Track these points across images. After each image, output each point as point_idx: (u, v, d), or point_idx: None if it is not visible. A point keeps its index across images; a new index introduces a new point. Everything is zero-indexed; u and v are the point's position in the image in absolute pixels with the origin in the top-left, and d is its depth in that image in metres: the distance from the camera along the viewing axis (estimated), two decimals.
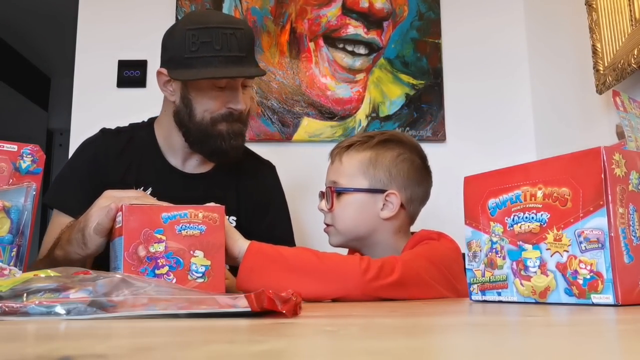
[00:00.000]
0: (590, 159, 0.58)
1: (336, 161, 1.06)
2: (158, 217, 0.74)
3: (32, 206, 0.72)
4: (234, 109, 1.08)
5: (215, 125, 1.09)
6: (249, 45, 1.08)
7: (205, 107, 1.08)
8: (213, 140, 1.10)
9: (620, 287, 0.55)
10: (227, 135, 1.10)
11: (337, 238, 1.05)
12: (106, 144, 1.16)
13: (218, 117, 1.09)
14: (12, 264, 0.68)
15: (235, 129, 1.10)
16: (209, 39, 1.04)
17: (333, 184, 1.04)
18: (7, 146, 0.74)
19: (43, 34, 3.29)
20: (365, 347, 0.32)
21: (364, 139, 1.06)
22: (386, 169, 1.03)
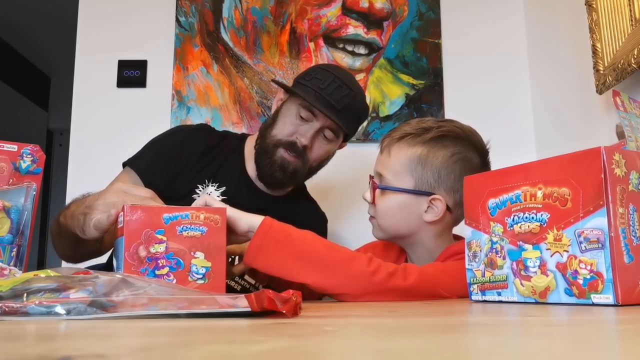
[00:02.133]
0: (590, 159, 0.58)
1: (384, 152, 0.99)
2: (159, 217, 0.74)
3: (32, 206, 0.72)
4: (298, 141, 1.13)
5: (276, 147, 1.15)
6: (350, 108, 1.14)
7: (282, 128, 1.15)
8: (265, 159, 1.15)
9: (620, 287, 0.55)
10: (278, 162, 1.14)
11: (379, 232, 1.01)
12: (199, 137, 1.21)
13: (283, 142, 1.14)
14: (12, 264, 0.69)
15: (288, 161, 1.14)
16: (322, 78, 1.14)
17: (378, 176, 0.99)
18: (7, 146, 0.74)
19: (43, 34, 3.29)
20: (365, 347, 0.32)
21: (419, 131, 0.97)
22: (435, 170, 0.95)
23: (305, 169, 1.17)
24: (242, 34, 1.76)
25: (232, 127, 1.71)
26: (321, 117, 1.13)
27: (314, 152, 1.16)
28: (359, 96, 1.19)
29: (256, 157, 1.18)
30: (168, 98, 1.72)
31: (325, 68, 1.19)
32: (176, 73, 1.72)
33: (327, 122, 1.13)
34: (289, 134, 1.14)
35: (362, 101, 1.20)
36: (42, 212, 3.58)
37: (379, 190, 0.98)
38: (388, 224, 0.99)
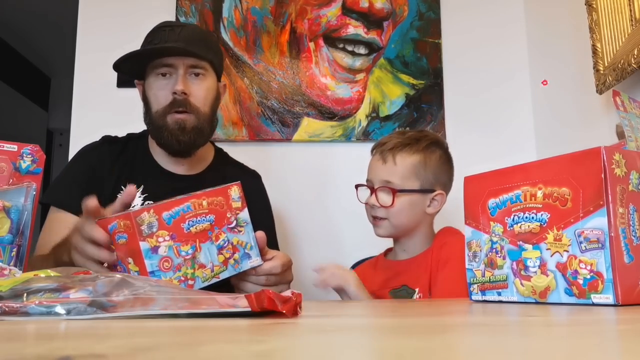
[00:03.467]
0: (590, 159, 0.58)
1: (389, 162, 1.15)
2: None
3: (32, 206, 0.72)
4: (175, 91, 1.10)
5: (164, 116, 1.11)
6: (190, 38, 1.11)
7: (155, 98, 1.13)
8: (161, 132, 1.12)
9: (620, 287, 0.55)
10: (173, 126, 1.11)
11: (388, 230, 1.16)
12: (103, 152, 1.20)
13: (166, 108, 1.11)
14: (12, 264, 0.69)
15: (181, 119, 1.11)
16: (148, 38, 1.14)
17: (387, 183, 1.14)
18: (7, 146, 0.74)
19: (43, 34, 3.29)
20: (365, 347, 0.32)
21: (412, 141, 1.17)
22: (433, 171, 1.16)
23: (202, 117, 1.13)
24: (242, 34, 1.76)
25: (232, 127, 1.71)
26: (175, 60, 1.11)
27: (196, 93, 1.13)
28: (191, 26, 1.20)
29: (156, 141, 1.16)
30: None
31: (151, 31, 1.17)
32: None
33: (184, 61, 1.11)
34: (165, 97, 1.12)
35: (199, 29, 1.20)
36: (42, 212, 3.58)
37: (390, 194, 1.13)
38: (401, 221, 1.15)
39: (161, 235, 0.74)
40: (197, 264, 0.76)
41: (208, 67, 1.16)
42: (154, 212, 0.74)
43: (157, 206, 0.75)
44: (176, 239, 0.74)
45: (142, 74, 1.17)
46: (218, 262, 0.77)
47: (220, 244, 0.78)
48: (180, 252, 0.75)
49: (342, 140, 1.72)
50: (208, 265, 0.76)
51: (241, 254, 0.80)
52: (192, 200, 0.76)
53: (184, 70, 1.12)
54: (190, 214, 0.75)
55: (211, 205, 0.77)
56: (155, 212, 0.74)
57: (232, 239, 0.79)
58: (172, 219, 0.74)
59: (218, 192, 0.78)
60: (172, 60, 1.11)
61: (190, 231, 0.75)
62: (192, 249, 0.75)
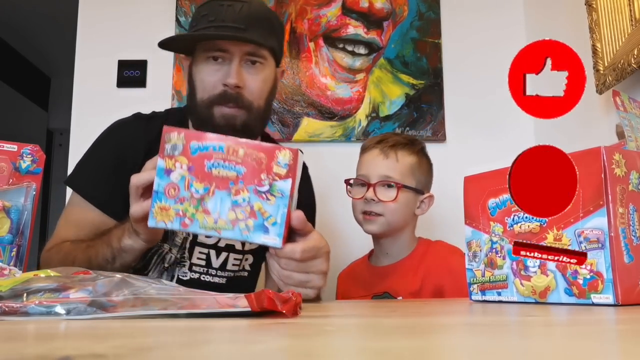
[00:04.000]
0: (590, 159, 0.58)
1: (391, 157, 1.15)
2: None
3: (32, 206, 0.72)
4: (227, 84, 0.96)
5: (211, 108, 0.98)
6: (251, 19, 0.96)
7: (202, 85, 0.99)
8: (205, 125, 0.98)
9: (620, 287, 0.55)
10: (223, 123, 0.97)
11: (382, 227, 1.15)
12: (136, 131, 1.04)
13: (214, 99, 0.98)
14: (12, 264, 0.69)
15: (230, 114, 0.97)
16: (206, 11, 0.97)
17: (387, 178, 1.14)
18: (7, 146, 0.74)
19: (43, 34, 3.29)
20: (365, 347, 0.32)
21: (408, 142, 1.19)
22: (424, 173, 1.19)
23: (255, 112, 0.99)
24: None
25: None
26: (232, 46, 0.96)
27: (251, 86, 0.98)
28: (255, 2, 1.00)
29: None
30: (168, 98, 1.71)
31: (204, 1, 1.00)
32: (176, 73, 1.72)
33: (242, 47, 0.96)
34: (213, 86, 0.97)
35: (263, 6, 1.02)
36: (42, 212, 3.58)
37: (394, 189, 1.13)
38: (396, 219, 1.14)
39: (180, 161, 0.69)
40: (202, 206, 0.69)
41: (268, 55, 1.01)
42: (183, 136, 0.69)
43: (190, 132, 0.70)
44: (193, 172, 0.69)
45: (189, 49, 1.04)
46: (226, 217, 0.69)
47: (237, 200, 0.69)
48: (190, 186, 0.69)
49: (342, 140, 1.72)
50: (213, 215, 0.69)
51: (257, 223, 0.69)
52: (229, 143, 0.69)
53: (239, 57, 0.97)
54: (219, 155, 0.69)
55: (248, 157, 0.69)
56: (185, 137, 0.69)
57: (253, 203, 0.69)
58: (198, 151, 0.69)
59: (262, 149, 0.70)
60: (227, 45, 0.97)
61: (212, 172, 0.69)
62: (204, 190, 0.69)
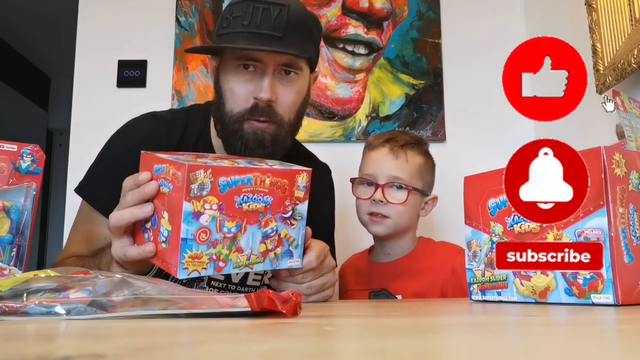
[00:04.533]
0: (590, 159, 0.58)
1: (401, 158, 1.12)
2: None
3: (32, 206, 0.72)
4: (259, 100, 0.89)
5: (241, 122, 0.91)
6: (289, 25, 0.88)
7: (232, 96, 0.91)
8: (236, 140, 0.92)
9: (620, 287, 0.55)
10: (252, 138, 0.91)
11: (388, 229, 1.12)
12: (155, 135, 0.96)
13: (244, 113, 0.90)
14: (12, 264, 0.68)
15: (261, 129, 0.90)
16: (241, 13, 0.88)
17: (397, 179, 1.11)
18: (7, 146, 0.74)
19: (43, 34, 3.29)
20: (365, 347, 0.32)
21: (415, 141, 1.16)
22: (430, 174, 1.17)
23: (286, 126, 0.93)
24: None
25: None
26: (266, 56, 0.88)
27: (283, 100, 0.91)
28: (294, 5, 0.90)
29: (224, 144, 0.94)
30: (168, 98, 1.71)
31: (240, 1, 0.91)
32: (176, 73, 1.72)
33: (276, 58, 0.89)
34: (245, 99, 0.90)
35: (302, 9, 0.93)
36: (42, 212, 3.58)
37: (403, 191, 1.10)
38: (403, 221, 1.12)
39: (209, 202, 0.63)
40: (235, 245, 0.66)
41: (304, 65, 0.93)
42: (210, 173, 0.63)
43: (217, 168, 0.64)
44: (224, 211, 0.64)
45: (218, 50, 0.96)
46: (257, 251, 0.68)
47: (267, 231, 0.68)
48: (223, 227, 0.65)
49: (342, 140, 1.72)
50: (246, 252, 0.67)
51: (284, 250, 0.70)
52: (256, 173, 0.66)
53: (273, 68, 0.89)
54: (248, 188, 0.66)
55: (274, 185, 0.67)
56: (212, 173, 0.64)
57: (281, 230, 0.69)
58: (227, 187, 0.65)
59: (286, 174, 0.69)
60: (261, 55, 0.88)
61: (242, 207, 0.65)
62: (236, 228, 0.65)
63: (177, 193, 0.63)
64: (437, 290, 1.09)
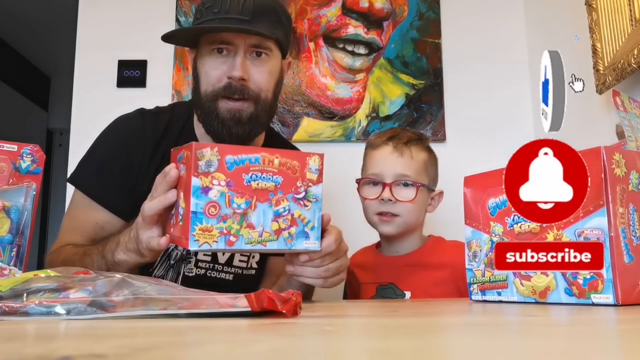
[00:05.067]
0: (590, 159, 0.58)
1: (406, 155, 1.11)
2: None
3: (32, 206, 0.72)
4: (231, 76, 0.94)
5: (215, 100, 0.96)
6: (256, 10, 0.94)
7: (206, 78, 0.97)
8: (212, 120, 0.97)
9: (620, 287, 0.55)
10: (228, 117, 0.96)
11: (399, 228, 1.11)
12: (141, 129, 1.03)
13: (218, 91, 0.96)
14: (12, 264, 0.68)
15: (238, 109, 0.95)
16: (210, 3, 0.95)
17: (404, 177, 1.10)
18: (7, 146, 0.74)
19: (43, 34, 3.29)
20: (365, 347, 0.32)
21: (418, 137, 1.15)
22: (434, 169, 1.16)
23: (262, 104, 0.97)
24: None
25: None
26: (236, 38, 0.94)
27: (256, 77, 0.96)
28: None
29: (204, 126, 1.00)
30: (168, 98, 1.71)
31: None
32: (176, 73, 1.72)
33: (246, 39, 0.94)
34: (218, 79, 0.95)
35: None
36: (42, 212, 3.58)
37: (411, 188, 1.09)
38: (412, 219, 1.11)
39: (217, 178, 0.66)
40: (246, 221, 0.67)
41: (274, 46, 0.99)
42: (217, 151, 0.67)
43: (223, 146, 0.68)
44: (232, 187, 0.67)
45: (193, 42, 1.02)
46: (270, 229, 0.69)
47: (279, 210, 0.69)
48: (232, 202, 0.67)
49: (342, 140, 1.72)
50: (258, 228, 0.68)
51: (299, 230, 0.70)
52: (263, 153, 0.68)
53: (244, 49, 0.95)
54: (256, 167, 0.68)
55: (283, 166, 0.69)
56: (219, 151, 0.67)
57: (293, 211, 0.70)
58: (234, 165, 0.67)
59: (295, 155, 0.71)
60: (232, 37, 0.95)
61: (251, 185, 0.67)
62: (246, 204, 0.67)
63: (188, 171, 0.67)
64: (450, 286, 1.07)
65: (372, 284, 1.15)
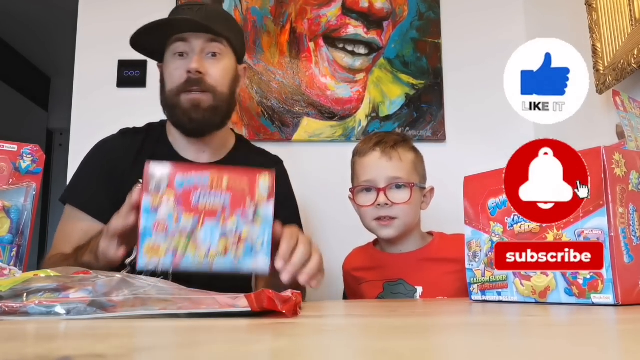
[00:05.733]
0: (590, 159, 0.58)
1: (395, 158, 1.13)
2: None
3: (32, 206, 0.72)
4: (189, 70, 1.05)
5: (178, 95, 1.07)
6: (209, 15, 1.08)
7: (170, 78, 1.09)
8: (174, 111, 1.08)
9: (620, 287, 0.55)
10: (187, 104, 1.06)
11: (398, 230, 1.12)
12: (123, 144, 1.14)
13: (180, 86, 1.07)
14: (12, 264, 0.68)
15: (195, 98, 1.06)
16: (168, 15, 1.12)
17: (396, 179, 1.12)
18: (7, 146, 0.74)
19: (43, 34, 3.29)
20: (365, 347, 0.32)
21: (403, 138, 1.18)
22: (423, 167, 1.18)
23: (219, 96, 1.08)
24: None
25: (231, 127, 1.71)
26: (191, 37, 1.07)
27: (212, 71, 1.08)
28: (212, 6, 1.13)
29: (170, 120, 1.12)
30: None
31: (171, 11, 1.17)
32: None
33: (200, 38, 1.07)
34: (179, 76, 1.07)
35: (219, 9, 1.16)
36: (42, 212, 3.58)
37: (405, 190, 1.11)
38: (410, 219, 1.13)
39: (166, 195, 0.69)
40: (193, 239, 0.69)
41: (226, 47, 1.11)
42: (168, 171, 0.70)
43: (174, 166, 0.70)
44: (181, 206, 0.69)
45: (161, 55, 1.13)
46: (216, 247, 0.69)
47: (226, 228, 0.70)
48: (180, 220, 0.69)
49: (342, 140, 1.72)
50: (204, 245, 0.69)
51: (246, 250, 0.71)
52: (212, 172, 0.70)
53: (200, 48, 1.07)
54: (204, 187, 0.69)
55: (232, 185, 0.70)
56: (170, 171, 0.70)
57: (241, 229, 0.70)
58: (183, 185, 0.69)
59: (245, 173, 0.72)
60: (186, 35, 1.07)
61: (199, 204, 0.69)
62: (194, 222, 0.69)
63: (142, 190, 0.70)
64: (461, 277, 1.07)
65: (377, 282, 1.14)
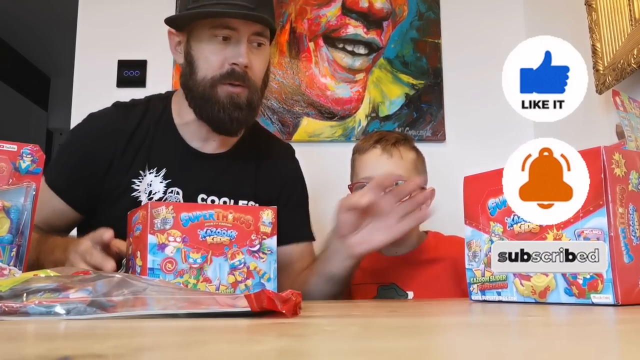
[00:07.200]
0: (590, 159, 0.58)
1: (396, 156, 1.12)
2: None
3: (32, 206, 0.72)
4: (236, 63, 0.95)
5: (215, 87, 0.96)
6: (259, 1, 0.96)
7: (206, 63, 0.97)
8: (211, 106, 0.97)
9: (620, 287, 0.55)
10: (228, 101, 0.96)
11: None
12: (113, 123, 1.03)
13: (219, 77, 0.96)
14: (11, 264, 0.68)
15: (237, 94, 0.96)
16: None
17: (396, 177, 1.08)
18: (7, 146, 0.74)
19: (43, 34, 3.29)
20: (365, 347, 0.32)
21: (404, 137, 1.17)
22: (424, 167, 1.18)
23: (256, 93, 0.99)
24: None
25: None
26: (241, 25, 0.95)
27: (255, 66, 0.99)
28: None
29: (199, 112, 1.00)
30: None
31: None
32: (176, 73, 1.72)
33: (250, 27, 0.96)
34: (220, 65, 0.96)
35: None
36: None
37: None
38: None
39: (172, 234, 0.69)
40: (202, 275, 0.70)
41: (268, 35, 1.02)
42: (172, 209, 0.70)
43: (178, 205, 0.72)
44: (188, 243, 0.69)
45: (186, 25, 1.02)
46: (226, 282, 0.71)
47: (234, 263, 0.71)
48: (188, 257, 0.69)
49: (341, 140, 1.72)
50: (214, 282, 0.70)
51: (255, 282, 0.73)
52: (217, 210, 0.71)
53: (247, 36, 0.96)
54: (211, 223, 0.70)
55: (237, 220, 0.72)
56: (174, 209, 0.70)
57: (249, 263, 0.72)
58: (189, 222, 0.70)
59: (248, 210, 0.74)
60: (237, 23, 0.95)
61: (206, 240, 0.70)
62: (202, 259, 0.70)
63: (144, 230, 0.70)
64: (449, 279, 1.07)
65: (372, 284, 1.14)
